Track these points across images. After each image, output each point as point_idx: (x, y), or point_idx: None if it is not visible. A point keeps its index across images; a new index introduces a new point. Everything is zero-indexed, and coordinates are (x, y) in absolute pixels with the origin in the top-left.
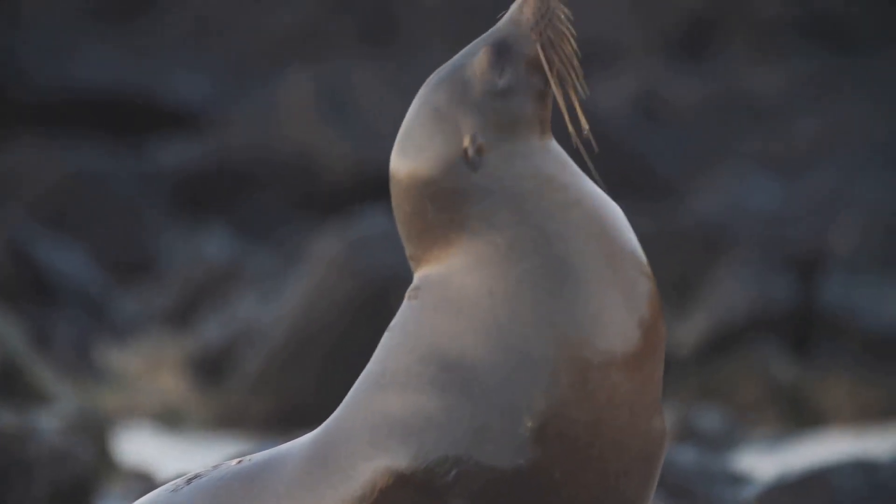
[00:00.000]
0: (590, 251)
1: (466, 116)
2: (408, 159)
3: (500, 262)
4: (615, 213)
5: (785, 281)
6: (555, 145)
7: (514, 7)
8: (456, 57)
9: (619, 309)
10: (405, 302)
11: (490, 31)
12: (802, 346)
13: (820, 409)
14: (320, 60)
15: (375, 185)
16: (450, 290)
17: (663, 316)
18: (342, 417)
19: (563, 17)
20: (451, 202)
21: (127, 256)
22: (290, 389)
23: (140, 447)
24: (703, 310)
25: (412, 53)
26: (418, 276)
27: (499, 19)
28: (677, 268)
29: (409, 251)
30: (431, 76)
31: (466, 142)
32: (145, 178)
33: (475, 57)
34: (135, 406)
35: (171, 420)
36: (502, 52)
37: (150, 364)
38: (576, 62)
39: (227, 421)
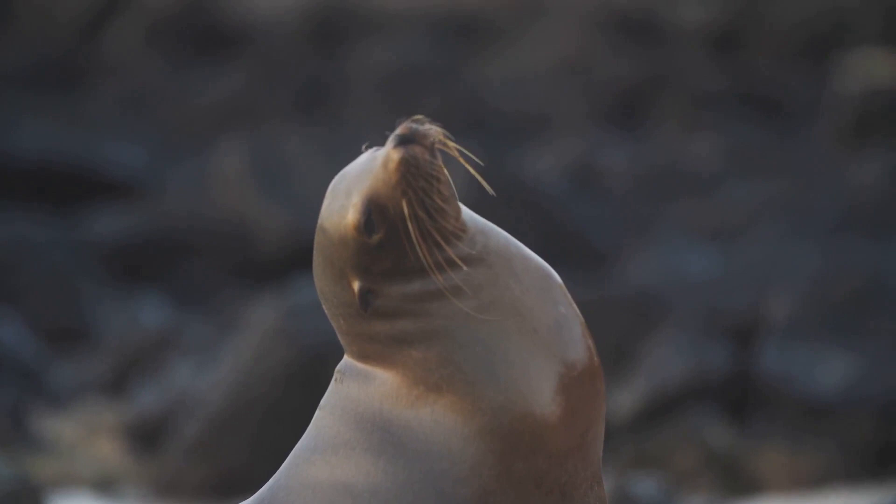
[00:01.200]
0: (510, 347)
1: (349, 266)
2: (315, 279)
3: (415, 368)
4: (543, 292)
5: (720, 349)
6: (463, 250)
7: (383, 151)
8: (337, 186)
9: (546, 400)
10: (332, 383)
11: (365, 171)
12: (738, 414)
13: (756, 476)
14: (254, 129)
15: (310, 254)
16: (371, 385)
17: (601, 389)
18: (275, 488)
19: (430, 165)
20: (358, 322)
21: (62, 325)
22: (227, 457)
23: None
24: (638, 378)
25: (345, 121)
26: (345, 359)
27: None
28: (612, 336)
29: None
30: (327, 196)
31: (354, 286)
32: (80, 247)
33: (349, 211)
34: (71, 474)
35: (107, 488)
36: (371, 210)
37: (85, 432)
38: (442, 216)
39: (163, 488)
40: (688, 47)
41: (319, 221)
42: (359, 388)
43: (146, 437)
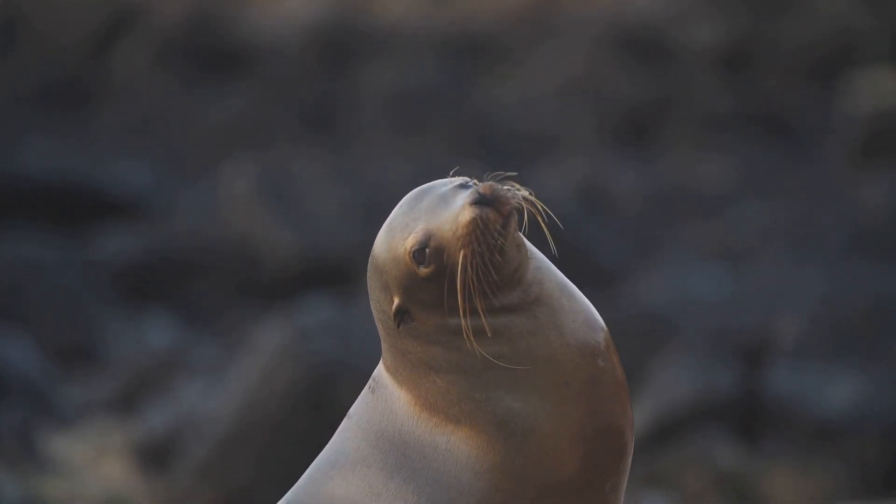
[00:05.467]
0: (535, 396)
1: (395, 283)
2: (368, 278)
3: (437, 396)
4: (582, 346)
5: (729, 369)
6: (514, 298)
7: (459, 204)
8: (411, 204)
9: (563, 449)
10: (365, 389)
11: (442, 206)
12: (747, 435)
13: (765, 496)
14: (261, 149)
15: (318, 273)
16: (396, 403)
17: (628, 444)
18: (296, 497)
19: (497, 235)
20: (393, 334)
21: (70, 345)
22: (235, 476)
23: None
24: (648, 398)
25: (353, 141)
26: (380, 367)
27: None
28: (621, 357)
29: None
30: (399, 206)
31: (396, 303)
32: (88, 267)
33: (411, 233)
34: (79, 494)
35: None
36: (428, 245)
37: (94, 452)
38: (488, 284)
39: None
40: (697, 68)
41: (385, 224)
42: (385, 403)
43: (154, 457)
